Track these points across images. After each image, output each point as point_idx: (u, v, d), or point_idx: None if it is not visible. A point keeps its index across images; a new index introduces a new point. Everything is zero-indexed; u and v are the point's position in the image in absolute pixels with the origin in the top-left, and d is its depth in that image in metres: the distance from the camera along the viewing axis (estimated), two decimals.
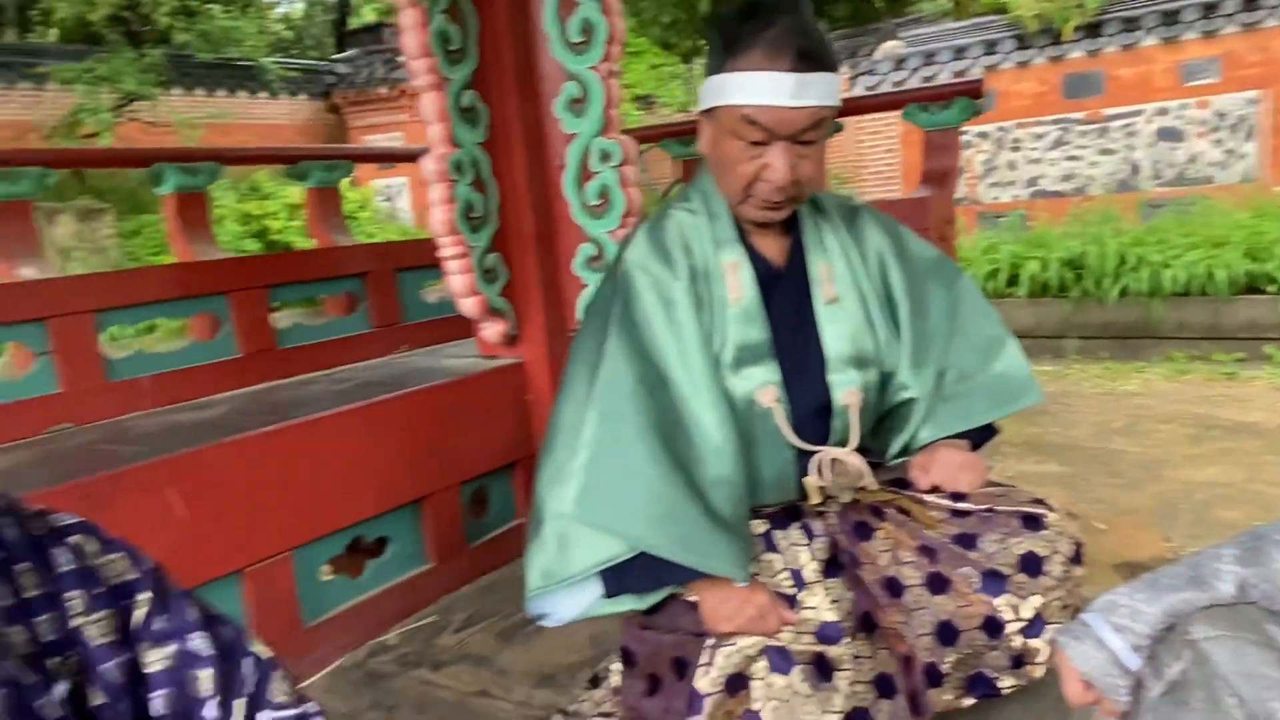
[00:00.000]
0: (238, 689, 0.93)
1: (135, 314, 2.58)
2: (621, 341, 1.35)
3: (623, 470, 1.29)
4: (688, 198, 1.47)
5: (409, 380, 2.42)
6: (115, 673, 0.87)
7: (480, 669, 1.90)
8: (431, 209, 2.30)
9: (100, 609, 0.88)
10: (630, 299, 1.38)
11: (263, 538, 1.90)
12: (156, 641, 0.90)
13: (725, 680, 1.25)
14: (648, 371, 1.35)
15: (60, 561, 0.87)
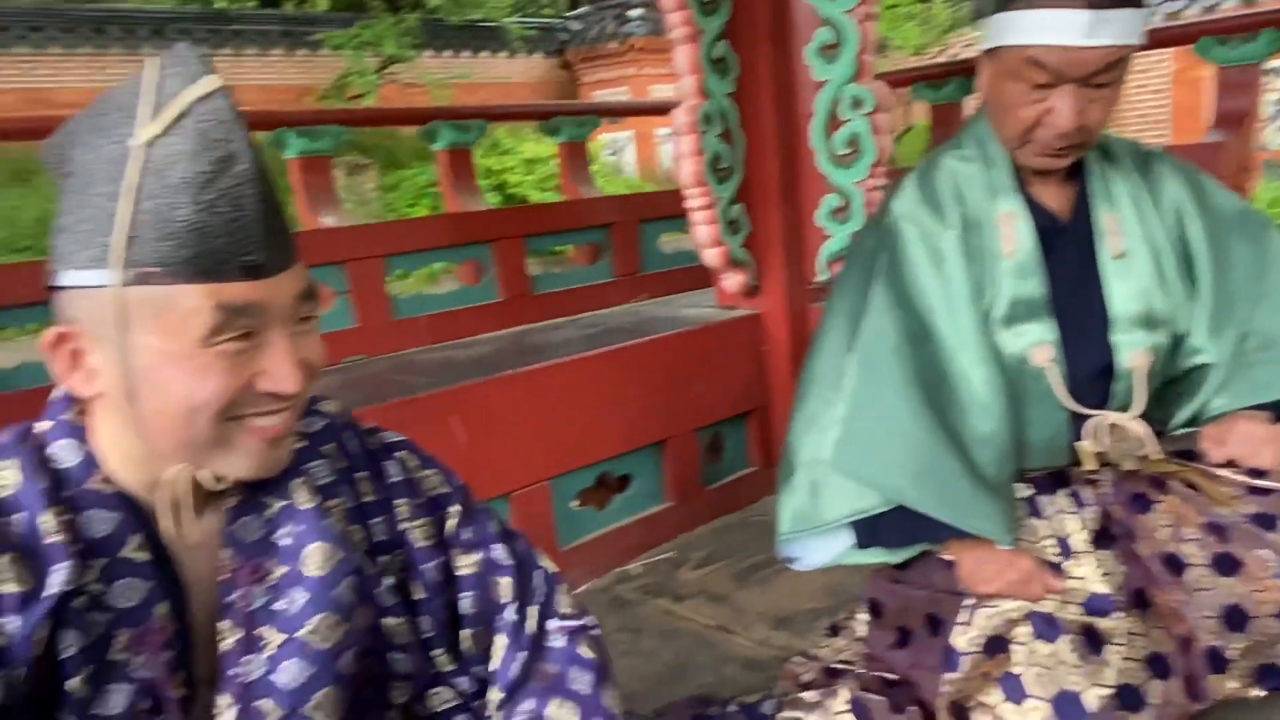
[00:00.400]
0: (531, 597, 1.04)
1: (415, 259, 2.87)
2: (886, 293, 1.34)
3: (883, 422, 1.30)
4: (960, 144, 1.42)
5: (651, 328, 2.53)
6: (433, 573, 1.00)
7: (719, 605, 1.99)
8: (679, 160, 2.37)
9: (421, 516, 1.01)
10: (897, 250, 1.36)
11: (525, 467, 2.08)
12: (465, 549, 1.03)
13: (984, 641, 1.24)
14: (913, 325, 1.33)
15: (391, 472, 1.01)
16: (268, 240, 0.76)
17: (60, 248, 0.76)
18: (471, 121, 3.15)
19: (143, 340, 0.74)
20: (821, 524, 1.40)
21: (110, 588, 0.79)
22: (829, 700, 1.38)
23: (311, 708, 0.87)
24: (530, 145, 10.73)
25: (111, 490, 0.81)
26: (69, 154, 0.77)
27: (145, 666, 0.80)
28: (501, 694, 0.99)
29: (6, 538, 0.74)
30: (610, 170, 12.44)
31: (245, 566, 0.86)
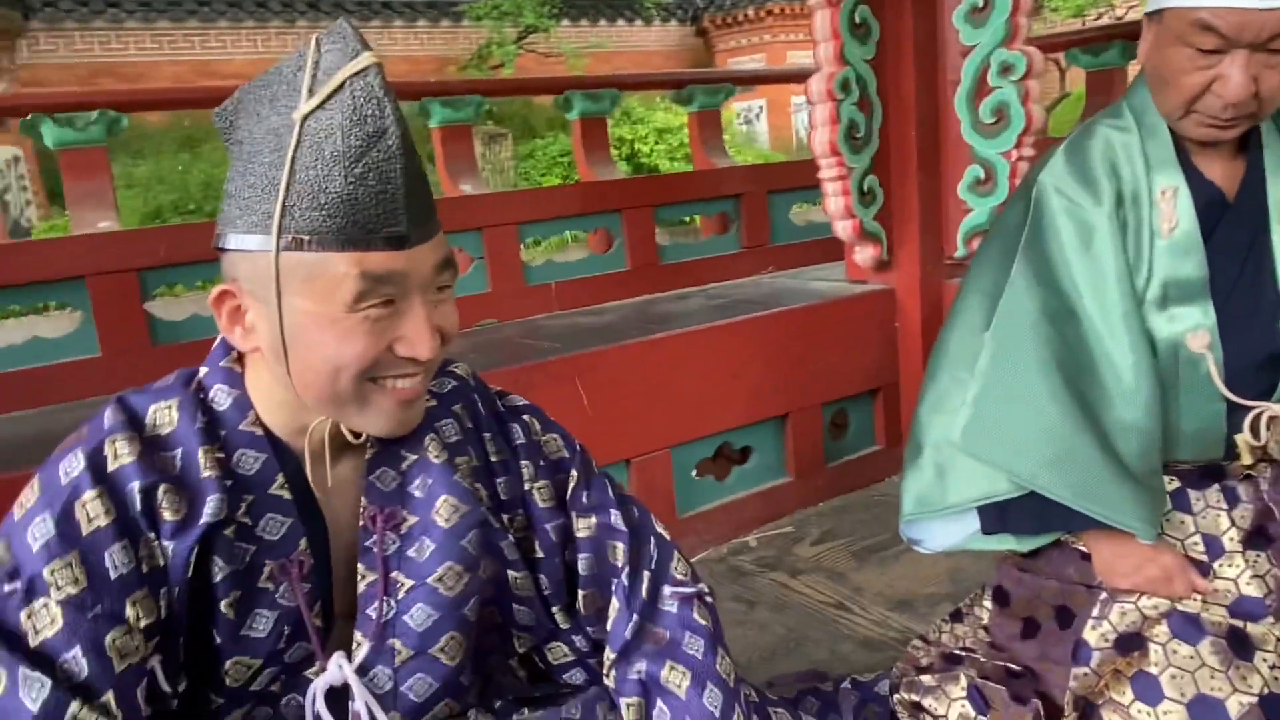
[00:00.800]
0: (645, 562, 1.06)
1: (547, 227, 2.94)
2: (1028, 270, 1.28)
3: (1018, 405, 1.25)
4: (1118, 113, 1.34)
5: (778, 300, 2.51)
6: (553, 533, 1.04)
7: (836, 583, 1.97)
8: (813, 129, 2.33)
9: (542, 478, 1.05)
10: (1042, 224, 1.30)
11: (646, 433, 2.12)
12: (582, 513, 1.06)
13: (1117, 637, 1.18)
14: (1055, 304, 1.27)
15: (516, 434, 1.05)
16: (411, 213, 0.80)
17: (227, 212, 0.82)
18: (604, 91, 3.18)
19: (294, 302, 0.79)
20: (946, 508, 1.36)
21: (257, 521, 0.87)
22: (947, 685, 1.35)
23: (437, 649, 0.93)
24: (662, 115, 10.72)
25: (261, 433, 0.88)
26: (238, 122, 0.83)
27: (287, 595, 0.88)
28: (614, 654, 1.02)
29: (166, 470, 0.82)
30: (743, 139, 12.28)
31: (382, 514, 0.92)
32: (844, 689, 1.46)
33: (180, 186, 8.87)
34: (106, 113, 2.43)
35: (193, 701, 0.88)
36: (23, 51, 10.25)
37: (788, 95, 12.72)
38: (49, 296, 2.34)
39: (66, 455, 0.81)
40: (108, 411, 0.84)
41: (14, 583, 0.76)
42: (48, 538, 0.77)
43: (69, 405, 2.15)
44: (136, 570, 0.79)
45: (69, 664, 0.75)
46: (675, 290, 3.02)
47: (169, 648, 0.83)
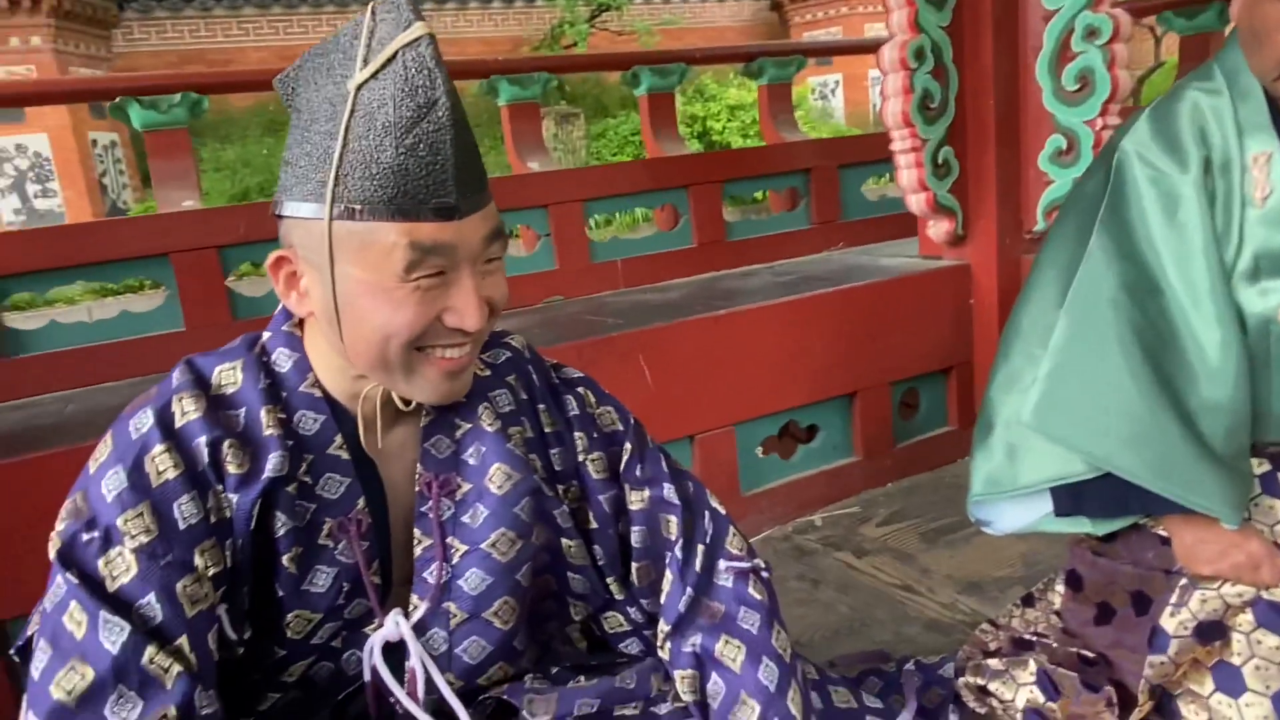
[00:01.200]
0: (699, 536, 1.06)
1: (613, 204, 2.94)
2: (1107, 241, 1.22)
3: (1094, 382, 1.19)
4: (1208, 74, 1.26)
5: (848, 276, 2.46)
6: (606, 505, 1.04)
7: (903, 564, 1.94)
8: (885, 100, 2.26)
9: (596, 450, 1.05)
10: (1123, 193, 1.24)
11: (710, 410, 2.10)
12: (635, 485, 1.06)
13: (1197, 625, 1.13)
14: (1136, 277, 1.21)
15: (571, 406, 1.06)
16: (461, 184, 0.80)
17: (285, 179, 0.84)
18: (672, 65, 3.15)
19: (347, 270, 0.81)
20: (1017, 488, 1.31)
21: (317, 480, 0.89)
22: (1016, 670, 1.32)
23: (491, 613, 0.95)
24: (734, 91, 10.58)
25: (320, 395, 0.90)
26: (298, 89, 0.85)
27: (346, 552, 0.90)
28: (668, 627, 1.02)
29: (230, 427, 0.85)
30: (817, 115, 12.04)
31: (436, 480, 0.94)
32: (907, 670, 1.44)
33: (265, 169, 9.18)
34: (189, 95, 2.52)
35: (257, 652, 0.91)
36: (118, 40, 10.70)
37: (864, 69, 12.39)
38: (137, 273, 2.45)
39: (136, 413, 0.85)
40: (175, 372, 0.88)
41: (92, 531, 0.80)
42: (120, 489, 0.81)
43: (156, 376, 2.25)
44: (204, 521, 0.82)
45: (144, 609, 0.78)
46: (742, 267, 3.00)
47: (234, 597, 0.86)
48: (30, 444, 1.59)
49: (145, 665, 0.76)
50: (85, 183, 9.06)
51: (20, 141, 8.82)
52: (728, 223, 3.14)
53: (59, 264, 2.28)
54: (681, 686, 0.99)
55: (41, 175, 8.96)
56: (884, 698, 1.38)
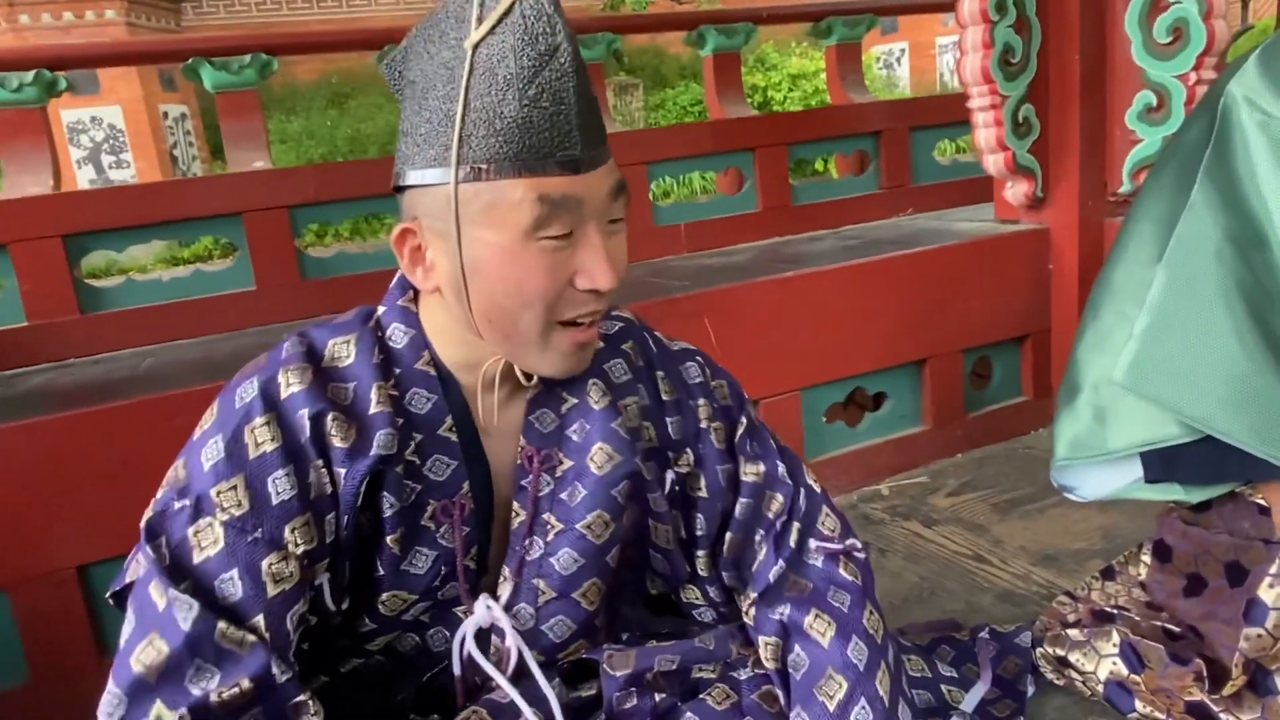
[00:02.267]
0: (795, 513, 1.04)
1: (676, 166, 2.90)
2: (1212, 191, 1.15)
3: (1195, 340, 1.13)
4: None
5: (918, 241, 2.38)
6: (721, 476, 1.02)
7: (974, 534, 1.88)
8: (964, 56, 2.18)
9: (718, 420, 1.03)
10: (1229, 140, 1.16)
11: (776, 375, 2.07)
12: (750, 459, 1.04)
13: None
14: (1242, 229, 1.14)
15: (691, 374, 1.04)
16: (584, 135, 0.79)
17: (404, 151, 0.83)
18: (739, 25, 3.09)
19: (474, 233, 0.79)
20: (1106, 453, 1.26)
21: (425, 460, 0.88)
22: (1098, 641, 1.27)
23: (579, 594, 0.94)
24: (796, 60, 10.42)
25: (434, 373, 0.89)
26: (408, 65, 0.84)
27: (447, 536, 0.89)
28: (755, 594, 1.01)
29: (337, 400, 0.84)
30: (882, 84, 11.78)
31: (538, 454, 0.93)
32: (981, 639, 1.40)
33: (329, 140, 9.34)
34: (259, 56, 2.55)
35: (349, 621, 0.91)
36: (187, 14, 10.94)
37: (931, 37, 12.04)
38: (210, 231, 2.50)
39: (244, 382, 0.85)
40: (287, 343, 0.87)
41: (183, 500, 0.80)
42: (217, 460, 0.80)
43: (229, 336, 2.30)
44: (299, 496, 0.81)
45: (225, 584, 0.78)
46: (808, 233, 2.94)
47: (336, 570, 0.86)
48: (108, 395, 1.63)
49: (218, 640, 0.76)
50: (157, 154, 9.32)
51: (95, 114, 9.10)
52: (793, 187, 3.08)
53: (135, 222, 2.34)
54: (765, 653, 0.97)
55: (115, 147, 9.24)
56: (957, 667, 1.35)
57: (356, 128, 9.50)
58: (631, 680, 0.92)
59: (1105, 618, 1.34)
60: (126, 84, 8.96)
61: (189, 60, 2.55)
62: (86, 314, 2.34)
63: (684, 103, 9.98)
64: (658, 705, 0.92)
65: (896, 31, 11.97)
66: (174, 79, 9.32)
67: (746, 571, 1.03)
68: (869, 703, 0.91)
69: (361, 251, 2.68)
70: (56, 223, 2.28)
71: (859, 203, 3.14)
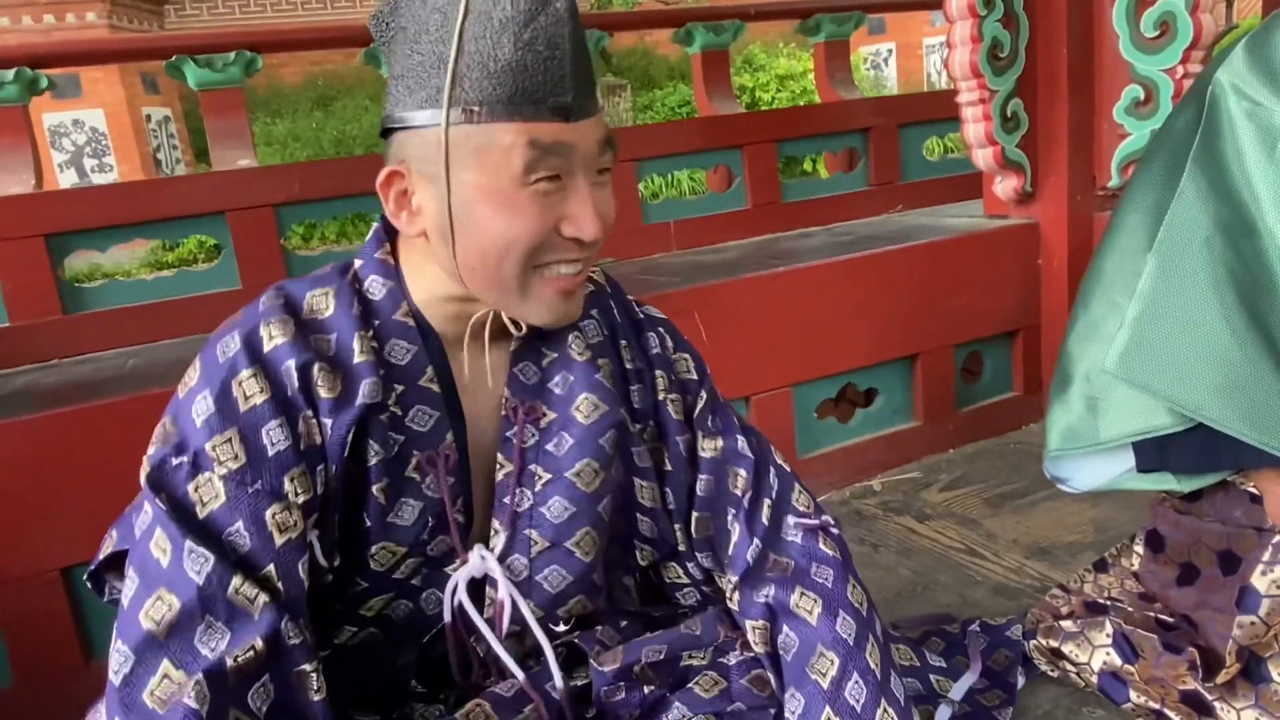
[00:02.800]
0: (766, 491, 1.03)
1: (665, 163, 2.90)
2: (1200, 179, 1.15)
3: (1185, 327, 1.13)
4: None
5: (908, 237, 2.39)
6: (681, 448, 1.02)
7: (967, 529, 1.89)
8: (952, 50, 2.19)
9: (675, 391, 1.03)
10: (1217, 128, 1.16)
11: (767, 370, 2.07)
12: (708, 434, 1.04)
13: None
14: (1232, 217, 1.14)
15: (652, 344, 1.04)
16: (576, 83, 0.79)
17: (394, 94, 0.83)
18: (727, 23, 3.09)
19: (464, 176, 0.79)
20: (1099, 443, 1.25)
21: (407, 411, 0.88)
22: (1091, 632, 1.27)
23: (573, 543, 0.94)
24: (783, 61, 10.44)
25: (413, 324, 0.89)
26: (399, 12, 0.83)
27: (433, 487, 0.89)
28: (736, 578, 1.00)
29: (321, 350, 0.84)
30: (869, 85, 11.81)
31: (522, 406, 0.93)
32: (972, 631, 1.40)
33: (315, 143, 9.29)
34: (243, 54, 2.54)
35: (340, 581, 0.91)
36: (170, 16, 10.89)
37: (918, 37, 12.08)
38: (195, 230, 2.47)
39: (224, 336, 0.84)
40: (265, 297, 0.86)
41: (181, 456, 0.79)
42: (208, 414, 0.80)
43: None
44: (294, 447, 0.81)
45: (233, 537, 0.78)
46: (800, 230, 2.94)
47: (326, 524, 0.86)
48: (92, 394, 1.62)
49: (231, 596, 0.75)
50: (140, 157, 9.26)
51: (78, 117, 9.03)
52: (783, 184, 3.08)
53: (117, 221, 2.32)
54: (753, 636, 0.97)
55: (98, 150, 9.18)
56: (947, 658, 1.35)
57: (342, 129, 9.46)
58: (620, 674, 0.92)
59: (1098, 609, 1.35)
60: (109, 86, 8.90)
61: (173, 58, 2.53)
62: (70, 314, 2.32)
63: (672, 104, 9.99)
64: (646, 697, 0.92)
65: (884, 32, 12.02)
66: (156, 81, 9.26)
67: (721, 553, 1.03)
68: (861, 676, 0.91)
69: (348, 251, 2.67)
70: (38, 222, 2.26)
71: (849, 200, 3.15)
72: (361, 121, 9.65)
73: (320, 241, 6.86)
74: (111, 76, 8.80)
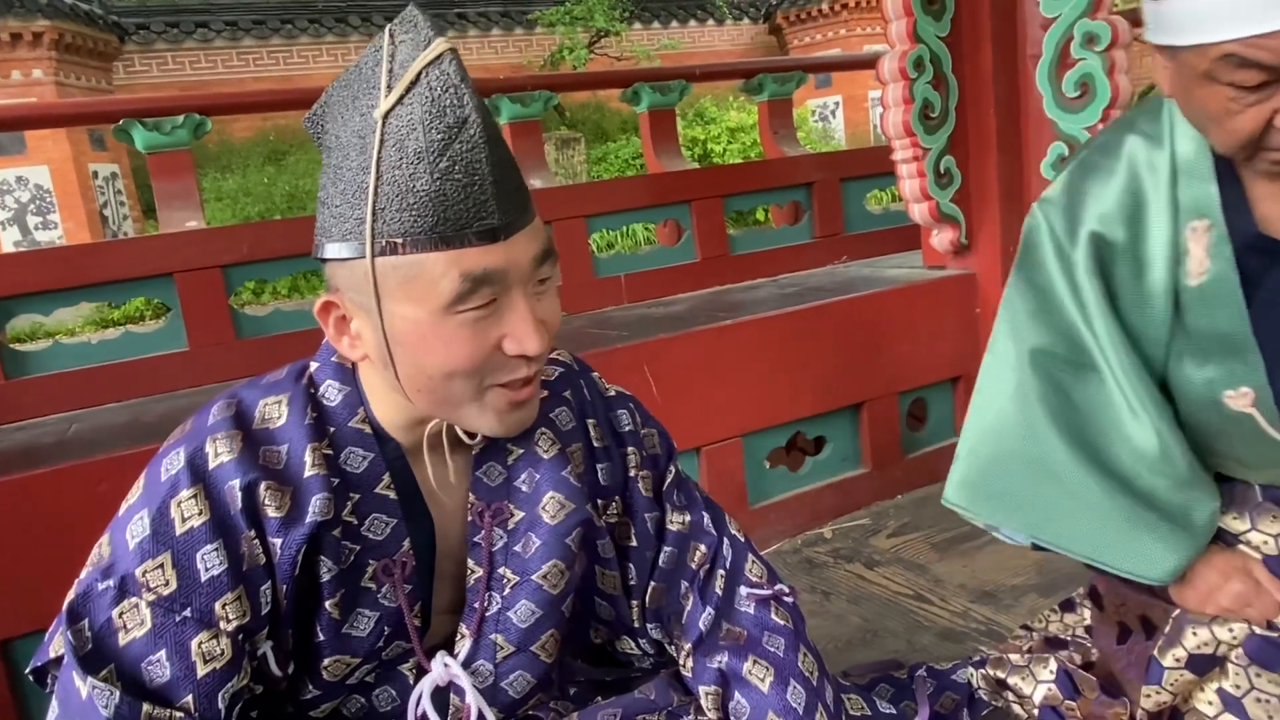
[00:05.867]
0: (720, 562, 1.06)
1: (615, 219, 2.96)
2: (1018, 304, 1.13)
3: (1009, 457, 1.13)
4: (1155, 116, 1.05)
5: (852, 288, 2.47)
6: (649, 524, 1.04)
7: (915, 574, 1.93)
8: (886, 111, 2.29)
9: (645, 468, 1.05)
10: (1028, 250, 1.13)
11: (717, 422, 2.11)
12: (677, 508, 1.06)
13: (1189, 659, 1.09)
14: (1050, 342, 1.10)
15: (623, 421, 1.05)
16: (502, 203, 0.77)
17: (322, 221, 0.81)
18: (673, 83, 3.20)
19: (395, 308, 0.77)
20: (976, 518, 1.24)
21: (363, 520, 0.87)
22: (1036, 666, 1.31)
23: (538, 646, 0.94)
24: (734, 114, 10.71)
25: (369, 431, 0.88)
26: (326, 126, 0.83)
27: (389, 595, 0.89)
28: (689, 644, 1.02)
29: (271, 466, 0.83)
30: (818, 136, 12.16)
31: (489, 509, 0.93)
32: (919, 676, 1.43)
33: (266, 198, 9.27)
34: (192, 116, 2.55)
35: (293, 686, 0.90)
36: (119, 73, 10.85)
37: (864, 90, 12.51)
38: (142, 293, 2.47)
39: (170, 452, 0.83)
40: (215, 407, 0.85)
41: (108, 580, 0.78)
42: (143, 537, 0.79)
43: (160, 397, 2.27)
44: (231, 570, 0.79)
45: (153, 666, 0.76)
46: (746, 281, 3.01)
47: (279, 635, 0.84)
48: (32, 461, 1.60)
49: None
50: (86, 214, 9.15)
51: (21, 174, 8.92)
52: (731, 237, 3.16)
53: (63, 285, 2.30)
54: (706, 702, 0.99)
55: (42, 207, 9.05)
56: (896, 704, 1.37)
57: (295, 184, 9.46)
58: None
59: (1058, 644, 1.36)
60: (54, 143, 8.82)
61: (120, 121, 2.54)
62: (11, 378, 2.28)
63: (626, 155, 10.17)
64: None
65: (830, 86, 12.42)
66: (104, 138, 9.20)
67: (674, 623, 1.04)
68: None
69: (299, 309, 2.67)
70: None
71: (794, 251, 3.24)
72: (314, 176, 9.66)
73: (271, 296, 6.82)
74: (58, 133, 8.73)
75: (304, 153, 10.35)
